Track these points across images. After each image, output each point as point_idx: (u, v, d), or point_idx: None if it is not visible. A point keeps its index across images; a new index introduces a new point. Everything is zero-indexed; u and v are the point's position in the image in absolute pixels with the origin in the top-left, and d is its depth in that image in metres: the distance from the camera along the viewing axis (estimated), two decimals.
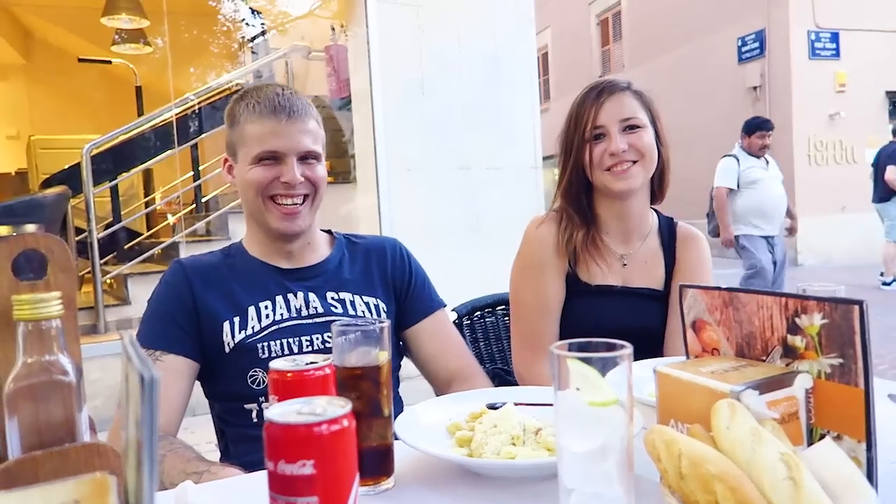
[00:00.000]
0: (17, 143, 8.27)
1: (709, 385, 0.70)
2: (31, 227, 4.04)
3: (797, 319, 0.73)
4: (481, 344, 1.83)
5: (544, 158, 4.92)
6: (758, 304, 0.77)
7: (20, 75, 8.67)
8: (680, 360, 0.86)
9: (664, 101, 1.54)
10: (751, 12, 11.50)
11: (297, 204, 1.27)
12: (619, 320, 1.42)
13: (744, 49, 11.80)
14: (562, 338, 1.43)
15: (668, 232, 1.56)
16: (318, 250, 1.39)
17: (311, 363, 0.71)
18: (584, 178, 1.47)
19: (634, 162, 1.41)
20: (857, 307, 0.67)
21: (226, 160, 1.36)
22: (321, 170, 1.31)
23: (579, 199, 1.49)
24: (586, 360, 0.59)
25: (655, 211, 1.58)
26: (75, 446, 0.56)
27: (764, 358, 0.77)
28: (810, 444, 0.71)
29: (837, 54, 11.15)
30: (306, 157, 1.28)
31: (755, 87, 11.54)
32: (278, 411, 0.53)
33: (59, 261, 0.62)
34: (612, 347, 0.61)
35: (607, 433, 0.59)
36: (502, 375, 1.75)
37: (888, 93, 11.44)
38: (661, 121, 1.49)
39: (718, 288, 0.82)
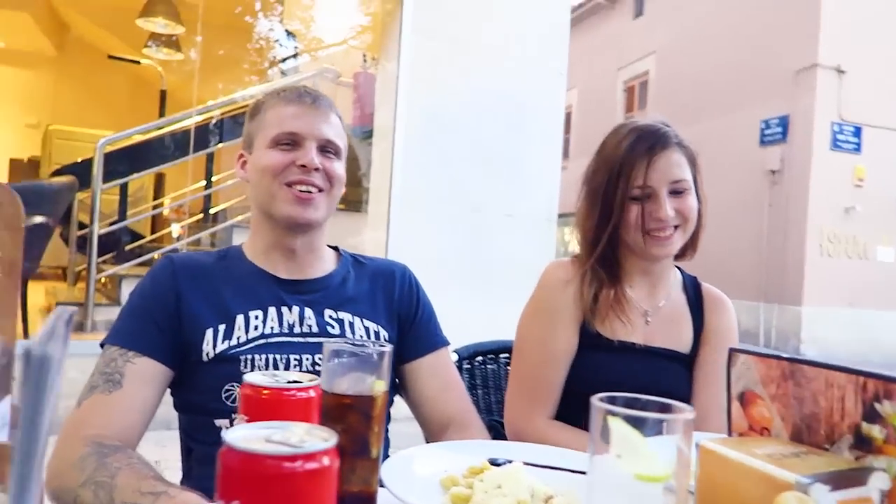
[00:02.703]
0: (35, 131, 8.27)
1: (768, 472, 0.58)
2: (38, 218, 3.96)
3: (877, 405, 0.61)
4: (479, 392, 1.70)
5: (560, 215, 4.84)
6: (827, 380, 0.65)
7: (50, 66, 8.73)
8: (721, 437, 0.74)
9: None
10: (777, 96, 11.58)
11: (311, 192, 1.18)
12: (641, 381, 1.29)
13: (766, 132, 11.84)
14: (576, 395, 1.32)
15: (693, 291, 1.46)
16: (323, 263, 1.28)
17: (294, 381, 0.59)
18: (615, 236, 1.36)
19: (676, 227, 1.32)
20: None
21: (240, 156, 1.27)
22: (340, 167, 1.22)
23: (608, 255, 1.38)
24: (635, 421, 0.47)
25: (678, 268, 1.48)
26: None
27: (828, 446, 0.65)
28: None
29: (858, 148, 11.18)
30: (326, 148, 1.20)
31: (774, 171, 11.53)
32: (241, 434, 0.41)
33: (6, 216, 0.51)
34: (667, 408, 0.49)
35: None
36: (499, 429, 1.61)
37: None
38: (701, 175, 1.39)
39: (779, 356, 0.70)
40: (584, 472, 0.80)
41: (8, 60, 8.60)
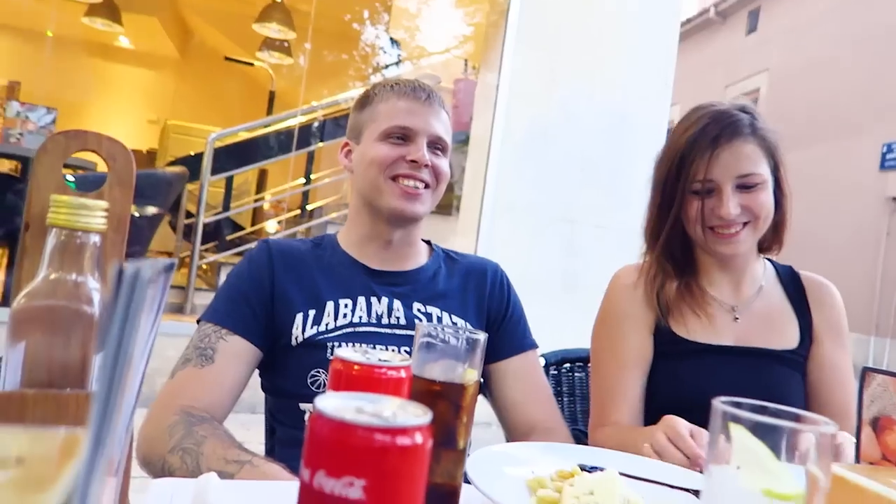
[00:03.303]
0: (155, 127, 8.82)
1: None
2: (151, 209, 4.21)
3: None
4: (565, 399, 1.63)
5: None
6: None
7: (173, 68, 9.32)
8: (850, 464, 0.66)
9: (795, 198, 1.30)
10: None
11: (418, 187, 1.17)
12: (737, 387, 1.14)
13: (888, 156, 11.02)
14: (661, 408, 1.21)
15: (791, 282, 1.32)
16: (416, 256, 1.27)
17: (385, 360, 0.57)
18: (679, 229, 1.25)
19: (745, 223, 1.18)
20: None
21: (345, 144, 1.28)
22: (446, 164, 1.21)
23: (672, 246, 1.26)
24: (763, 430, 0.42)
25: (769, 260, 1.34)
26: (77, 394, 0.44)
27: None
28: None
29: None
30: (435, 145, 1.19)
31: (895, 198, 10.72)
32: (333, 403, 0.38)
33: (120, 173, 0.51)
34: (802, 419, 0.43)
35: None
36: (582, 438, 1.54)
37: None
38: (785, 166, 1.24)
39: None
40: (683, 489, 0.73)
41: (135, 61, 9.24)
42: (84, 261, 0.48)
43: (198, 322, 1.16)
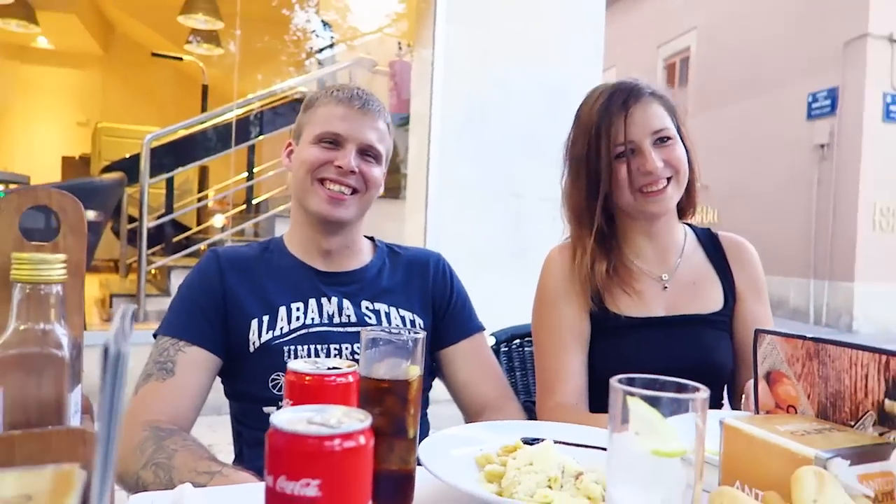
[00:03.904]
0: (85, 129, 8.56)
1: (789, 447, 0.60)
2: (91, 213, 4.12)
3: None
4: (517, 374, 1.73)
5: None
6: (851, 359, 0.67)
7: (97, 65, 9.01)
8: (746, 415, 0.76)
9: (727, 152, 1.39)
10: (825, 68, 11.20)
11: (344, 193, 1.22)
12: (672, 356, 1.24)
13: (814, 105, 11.46)
14: (602, 384, 1.29)
15: (710, 243, 1.40)
16: (359, 255, 1.32)
17: (334, 368, 0.63)
18: (606, 203, 1.29)
19: (669, 179, 1.25)
20: None
21: (288, 144, 1.33)
22: (377, 171, 1.26)
23: (594, 222, 1.30)
24: (652, 401, 0.50)
25: (688, 224, 1.42)
26: (59, 430, 0.50)
27: (852, 423, 0.67)
28: None
29: None
30: (366, 153, 1.24)
31: (823, 146, 11.18)
32: (286, 417, 0.45)
33: (72, 222, 0.56)
34: (683, 389, 0.51)
35: (670, 490, 0.50)
36: (534, 410, 1.64)
37: None
38: (685, 126, 1.32)
39: (803, 337, 0.72)
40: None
41: (58, 61, 8.91)
42: (49, 309, 0.53)
43: (154, 336, 1.20)
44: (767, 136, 12.20)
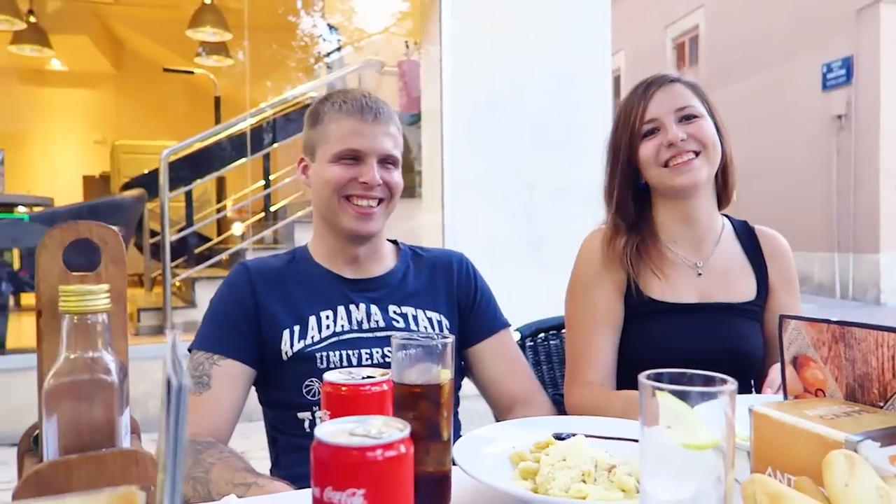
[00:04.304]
0: (103, 147, 8.69)
1: (818, 432, 0.61)
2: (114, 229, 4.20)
3: None
4: (544, 367, 1.74)
5: None
6: (876, 341, 0.67)
7: (110, 84, 9.14)
8: (778, 400, 0.77)
9: (742, 129, 1.41)
10: (838, 37, 11.02)
11: (372, 206, 1.24)
12: (703, 343, 1.27)
13: (829, 76, 11.29)
14: (634, 367, 1.32)
15: (746, 236, 1.41)
16: (384, 261, 1.34)
17: (368, 377, 0.65)
18: (636, 181, 1.34)
19: (697, 154, 1.27)
20: None
21: (301, 160, 1.33)
22: (398, 176, 1.28)
23: (627, 204, 1.35)
24: (680, 395, 0.51)
25: (726, 216, 1.44)
26: (112, 452, 0.52)
27: (881, 404, 0.67)
28: None
29: None
30: (386, 161, 1.25)
31: (840, 116, 11.01)
32: (329, 430, 0.47)
33: (112, 252, 0.59)
34: (711, 381, 0.52)
35: (702, 481, 0.51)
36: (562, 403, 1.65)
37: None
38: (719, 113, 1.34)
39: (828, 321, 0.73)
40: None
41: (72, 82, 9.04)
42: (96, 337, 0.55)
43: (189, 351, 1.23)
44: (783, 110, 12.04)
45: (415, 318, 1.28)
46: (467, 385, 1.41)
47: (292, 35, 7.98)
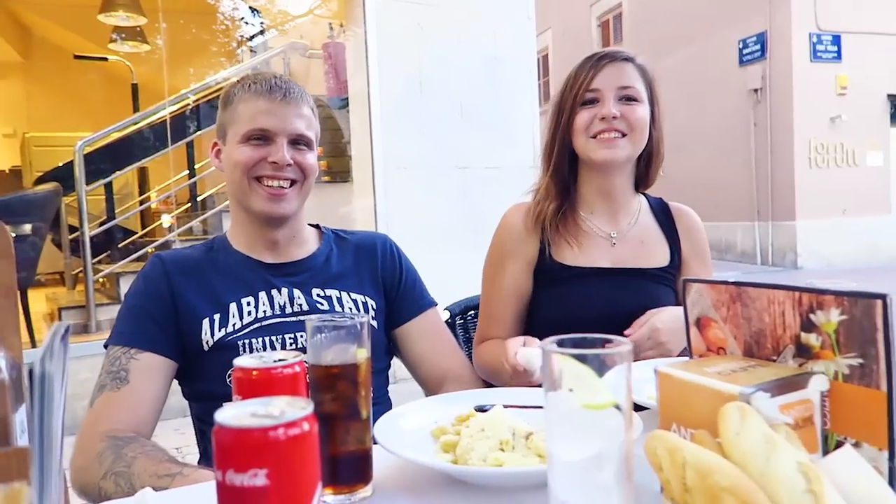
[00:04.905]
0: (13, 140, 8.23)
1: (715, 387, 0.64)
2: (27, 227, 4.00)
3: (812, 316, 0.67)
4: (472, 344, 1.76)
5: None
6: (769, 299, 0.71)
7: (18, 73, 8.63)
8: (683, 360, 0.80)
9: (665, 103, 1.47)
10: (752, 14, 11.45)
11: (283, 187, 1.22)
12: (616, 304, 1.33)
13: (745, 51, 11.73)
14: (553, 330, 1.36)
15: (661, 211, 1.49)
16: (305, 245, 1.33)
17: (280, 360, 0.65)
18: (570, 146, 1.40)
19: (623, 135, 1.34)
20: (880, 301, 0.60)
21: (214, 144, 1.31)
22: (311, 158, 1.26)
23: (562, 167, 1.42)
24: (580, 358, 0.53)
25: (644, 195, 1.52)
26: (5, 450, 0.50)
27: (775, 358, 0.71)
28: (825, 451, 0.65)
29: (839, 57, 11.09)
30: (297, 142, 1.23)
31: (756, 90, 11.47)
32: (230, 413, 0.46)
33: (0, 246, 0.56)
34: (609, 344, 0.54)
35: (603, 439, 0.53)
36: None
37: (889, 96, 11.38)
38: (660, 104, 1.41)
39: (725, 282, 0.76)
40: None
41: None
42: None
43: (105, 347, 1.19)
44: (704, 85, 12.45)
45: (339, 300, 1.27)
46: (400, 367, 1.42)
47: (212, 19, 7.71)
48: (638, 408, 0.88)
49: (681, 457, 0.55)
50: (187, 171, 5.78)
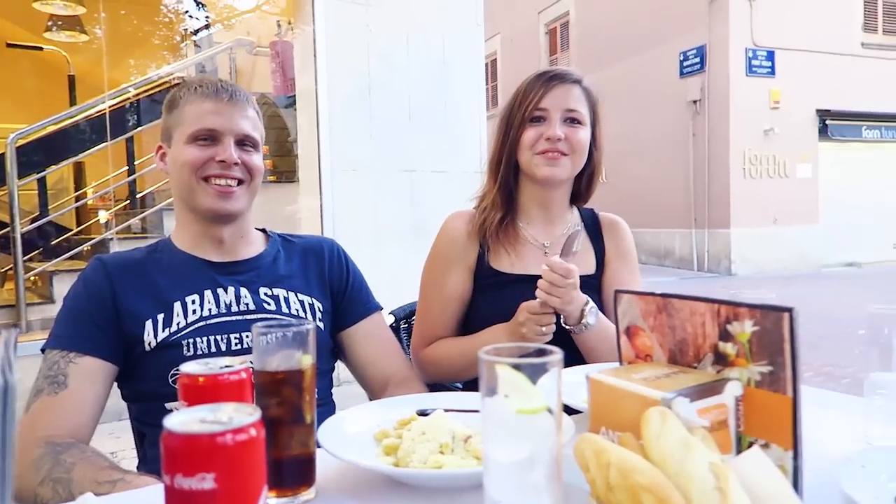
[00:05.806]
0: None
1: (640, 392, 0.68)
2: None
3: (729, 326, 0.72)
4: None
5: None
6: (691, 310, 0.76)
7: None
8: (613, 366, 0.85)
9: (610, 111, 1.55)
10: (693, 28, 11.86)
11: (231, 185, 1.23)
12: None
13: (685, 63, 12.14)
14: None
15: (591, 221, 1.57)
16: (252, 245, 1.34)
17: (227, 367, 0.66)
18: (514, 159, 1.46)
19: (565, 155, 1.41)
20: (787, 314, 0.66)
21: (159, 147, 1.31)
22: (258, 159, 1.27)
23: (508, 181, 1.49)
24: (516, 366, 0.56)
25: (578, 208, 1.60)
26: None
27: (696, 365, 0.77)
28: (739, 452, 0.70)
29: (773, 72, 11.61)
30: (244, 143, 1.25)
31: (695, 101, 11.89)
32: (179, 419, 0.48)
33: None
34: (542, 353, 0.58)
35: (535, 442, 0.57)
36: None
37: (819, 111, 11.96)
38: (601, 126, 1.50)
39: (653, 294, 0.81)
40: None
41: None
42: None
43: (42, 351, 1.17)
44: (646, 95, 12.81)
45: (286, 300, 1.28)
46: (343, 368, 1.43)
47: (155, 10, 7.52)
48: (573, 411, 0.92)
49: (606, 458, 0.60)
50: (126, 168, 5.60)
